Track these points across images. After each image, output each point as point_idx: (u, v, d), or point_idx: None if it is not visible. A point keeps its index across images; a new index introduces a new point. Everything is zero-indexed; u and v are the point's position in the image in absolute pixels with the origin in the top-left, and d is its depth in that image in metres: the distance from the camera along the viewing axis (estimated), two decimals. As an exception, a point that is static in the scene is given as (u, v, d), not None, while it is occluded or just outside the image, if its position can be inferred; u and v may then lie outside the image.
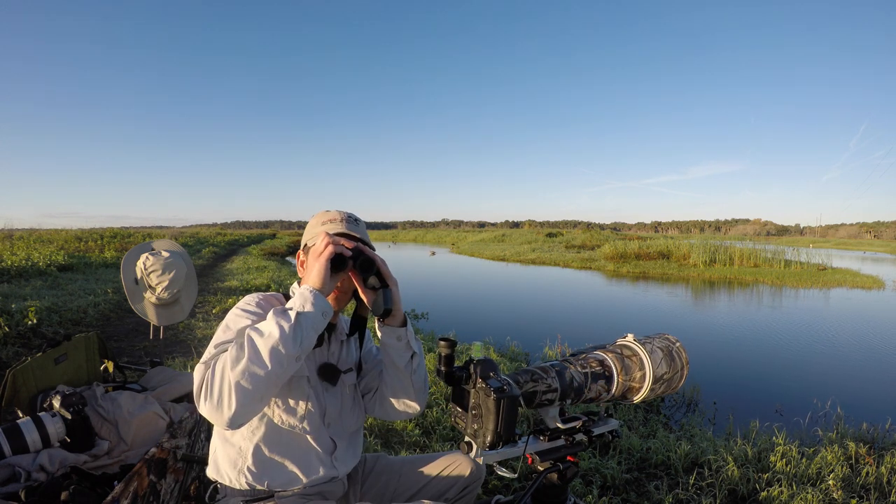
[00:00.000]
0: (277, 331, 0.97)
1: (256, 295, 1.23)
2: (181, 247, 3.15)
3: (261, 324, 1.02)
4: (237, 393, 0.94)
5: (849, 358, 6.46)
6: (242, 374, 0.95)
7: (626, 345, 1.27)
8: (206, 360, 1.03)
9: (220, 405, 0.94)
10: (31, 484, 1.55)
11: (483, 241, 37.81)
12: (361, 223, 1.29)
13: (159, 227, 71.62)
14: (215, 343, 1.08)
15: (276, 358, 0.96)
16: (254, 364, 0.95)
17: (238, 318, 1.13)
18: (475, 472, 1.39)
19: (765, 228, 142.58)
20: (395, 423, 3.09)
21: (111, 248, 15.67)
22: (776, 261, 18.79)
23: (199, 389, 0.98)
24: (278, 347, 0.97)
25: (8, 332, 4.76)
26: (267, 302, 1.21)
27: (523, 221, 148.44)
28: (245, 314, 1.14)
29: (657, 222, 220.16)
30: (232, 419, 0.95)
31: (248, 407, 0.97)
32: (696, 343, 7.10)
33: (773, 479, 2.58)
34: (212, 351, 1.05)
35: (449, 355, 1.12)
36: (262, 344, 0.97)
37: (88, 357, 2.34)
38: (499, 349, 6.00)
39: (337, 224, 1.24)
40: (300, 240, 1.36)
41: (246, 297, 1.24)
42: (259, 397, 0.98)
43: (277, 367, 0.97)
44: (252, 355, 0.96)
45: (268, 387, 0.98)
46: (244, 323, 1.11)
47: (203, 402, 0.96)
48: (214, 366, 0.98)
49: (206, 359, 1.03)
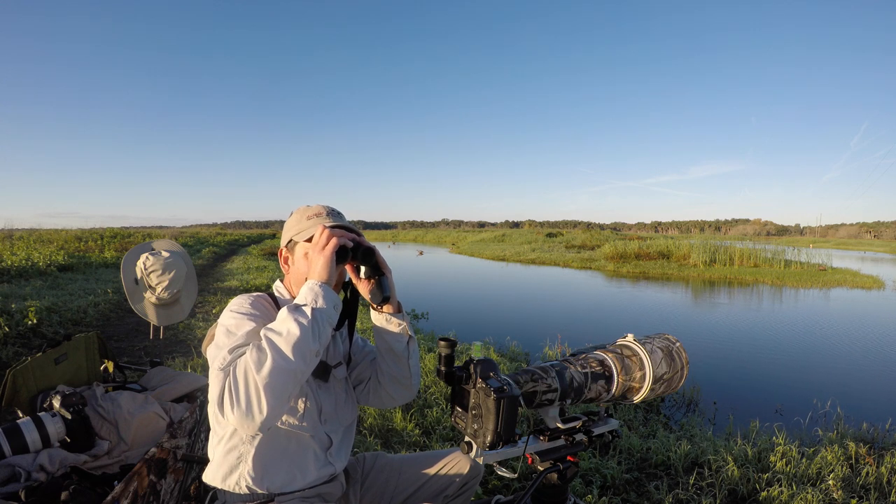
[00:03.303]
0: (297, 328, 0.98)
1: (245, 297, 1.21)
2: (181, 247, 3.15)
3: (276, 324, 1.01)
4: (267, 395, 0.93)
5: (849, 358, 6.46)
6: (270, 375, 0.94)
7: (626, 345, 1.27)
8: (222, 366, 0.99)
9: (251, 410, 0.93)
10: (31, 484, 1.55)
11: (483, 241, 37.80)
12: (343, 216, 1.30)
13: (159, 227, 71.65)
14: (229, 348, 1.03)
15: (301, 355, 0.97)
16: (281, 364, 0.95)
17: (240, 322, 1.11)
18: (474, 470, 1.40)
19: (765, 228, 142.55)
20: (395, 423, 3.09)
21: (111, 248, 15.67)
22: (776, 261, 18.80)
23: (220, 397, 0.95)
24: (301, 344, 0.97)
25: (8, 332, 4.76)
26: (258, 303, 1.19)
27: (523, 221, 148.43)
28: (245, 316, 1.13)
29: (657, 222, 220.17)
30: (265, 422, 0.94)
31: (279, 409, 0.96)
32: (696, 343, 7.10)
33: (773, 479, 2.58)
34: (226, 356, 1.01)
35: (449, 355, 1.12)
36: (285, 343, 0.96)
37: (88, 357, 2.34)
38: (499, 349, 6.00)
39: (325, 218, 1.24)
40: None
41: (235, 300, 1.21)
42: (288, 397, 0.98)
43: (303, 365, 0.98)
44: (276, 356, 0.95)
45: (295, 385, 0.98)
46: (248, 325, 1.10)
47: (231, 409, 0.93)
48: (235, 371, 0.96)
49: (223, 365, 1.00)
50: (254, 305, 1.18)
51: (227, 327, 1.11)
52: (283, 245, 1.28)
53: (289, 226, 1.27)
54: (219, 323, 1.15)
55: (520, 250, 27.16)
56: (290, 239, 1.25)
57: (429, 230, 78.52)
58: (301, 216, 1.25)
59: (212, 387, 0.99)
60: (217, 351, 1.05)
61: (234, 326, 1.11)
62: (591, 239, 31.30)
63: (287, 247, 1.26)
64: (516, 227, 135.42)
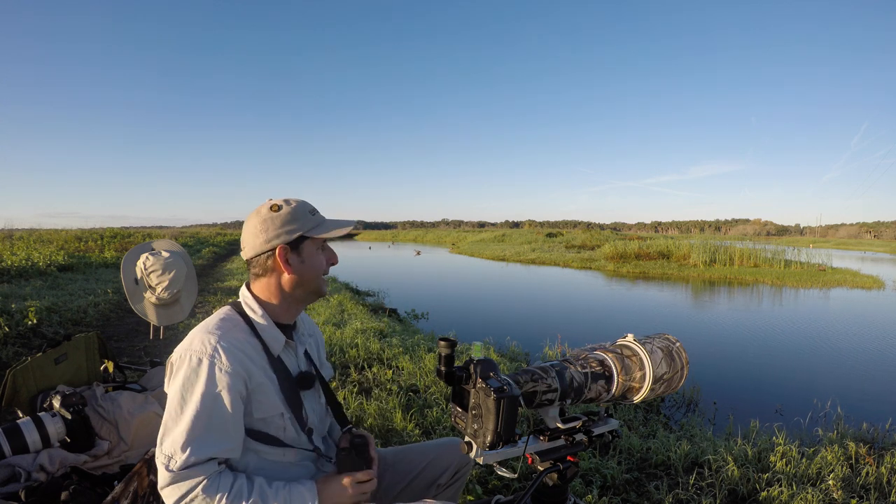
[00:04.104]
0: None
1: (214, 345, 1.03)
2: (181, 247, 3.15)
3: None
4: None
5: (849, 358, 6.46)
6: None
7: (626, 345, 1.27)
8: (179, 479, 0.96)
9: None
10: (31, 484, 1.55)
11: (483, 241, 37.80)
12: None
13: (159, 227, 71.63)
14: (195, 459, 0.96)
15: None
16: None
17: (214, 403, 1.00)
18: (465, 458, 1.41)
19: (765, 228, 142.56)
20: (395, 423, 3.10)
21: (111, 248, 15.67)
22: (776, 261, 18.80)
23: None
24: None
25: (8, 332, 4.76)
26: (233, 357, 1.03)
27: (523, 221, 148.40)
28: (224, 393, 1.01)
29: (657, 222, 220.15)
30: None
31: None
32: (696, 343, 7.10)
33: (773, 479, 2.58)
34: (186, 459, 0.96)
35: (449, 355, 1.12)
36: None
37: (88, 357, 2.34)
38: (499, 349, 6.00)
39: (337, 228, 1.18)
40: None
41: (199, 345, 1.03)
42: None
43: None
44: None
45: None
46: (224, 413, 1.00)
47: None
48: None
49: (181, 479, 0.96)
50: (232, 374, 1.02)
51: (199, 409, 0.98)
52: (283, 242, 1.13)
53: (282, 221, 1.13)
54: (182, 387, 1.00)
55: (520, 250, 27.16)
56: (300, 235, 1.13)
57: (429, 230, 78.53)
58: (294, 211, 1.14)
59: (164, 483, 0.97)
60: (176, 438, 0.97)
61: (210, 410, 0.99)
62: (591, 239, 31.30)
63: (290, 244, 1.13)
64: (516, 227, 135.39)
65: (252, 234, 1.14)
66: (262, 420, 1.10)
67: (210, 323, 1.09)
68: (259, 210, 1.16)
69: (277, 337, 1.16)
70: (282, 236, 1.13)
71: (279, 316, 1.18)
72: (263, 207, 1.16)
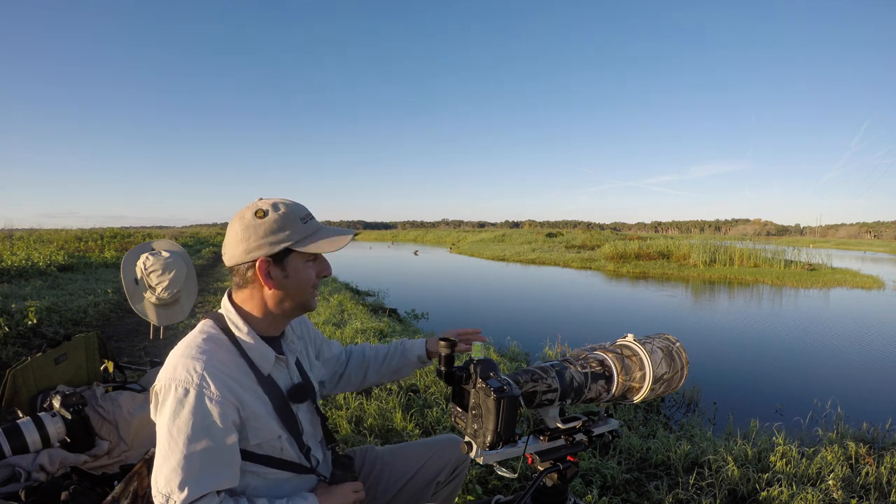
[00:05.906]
0: None
1: (201, 373, 0.94)
2: (181, 247, 3.14)
3: None
4: None
5: (849, 358, 6.46)
6: None
7: (626, 345, 1.27)
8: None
9: None
10: (31, 484, 1.55)
11: (483, 241, 37.80)
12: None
13: (159, 227, 71.62)
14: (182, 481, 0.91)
15: None
16: None
17: (207, 436, 0.93)
18: (464, 454, 1.40)
19: (765, 228, 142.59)
20: (395, 423, 3.09)
21: (111, 248, 15.67)
22: (776, 261, 18.80)
23: None
24: None
25: (8, 332, 4.76)
26: (222, 384, 0.96)
27: (523, 221, 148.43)
28: (216, 424, 0.94)
29: (657, 222, 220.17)
30: None
31: None
32: (696, 343, 7.10)
33: (773, 479, 2.58)
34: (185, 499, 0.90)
35: (449, 355, 1.12)
36: None
37: (88, 357, 2.34)
38: (499, 349, 6.00)
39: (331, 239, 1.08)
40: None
41: (184, 373, 0.94)
42: None
43: None
44: None
45: None
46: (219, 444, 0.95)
47: None
48: None
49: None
50: (222, 403, 0.95)
51: (185, 449, 0.92)
52: (265, 255, 1.01)
53: (266, 230, 1.00)
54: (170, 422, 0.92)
55: (520, 250, 27.16)
56: (285, 248, 1.02)
57: (429, 230, 78.49)
58: (282, 219, 1.02)
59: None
60: (171, 476, 0.91)
61: (197, 450, 0.93)
62: (591, 239, 31.30)
63: (273, 257, 1.02)
64: (516, 227, 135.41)
65: (233, 241, 1.03)
66: (259, 445, 1.05)
67: (192, 345, 1.00)
68: (243, 214, 1.03)
69: (266, 355, 1.07)
70: (264, 248, 1.00)
71: (265, 329, 1.10)
72: (248, 211, 1.03)
